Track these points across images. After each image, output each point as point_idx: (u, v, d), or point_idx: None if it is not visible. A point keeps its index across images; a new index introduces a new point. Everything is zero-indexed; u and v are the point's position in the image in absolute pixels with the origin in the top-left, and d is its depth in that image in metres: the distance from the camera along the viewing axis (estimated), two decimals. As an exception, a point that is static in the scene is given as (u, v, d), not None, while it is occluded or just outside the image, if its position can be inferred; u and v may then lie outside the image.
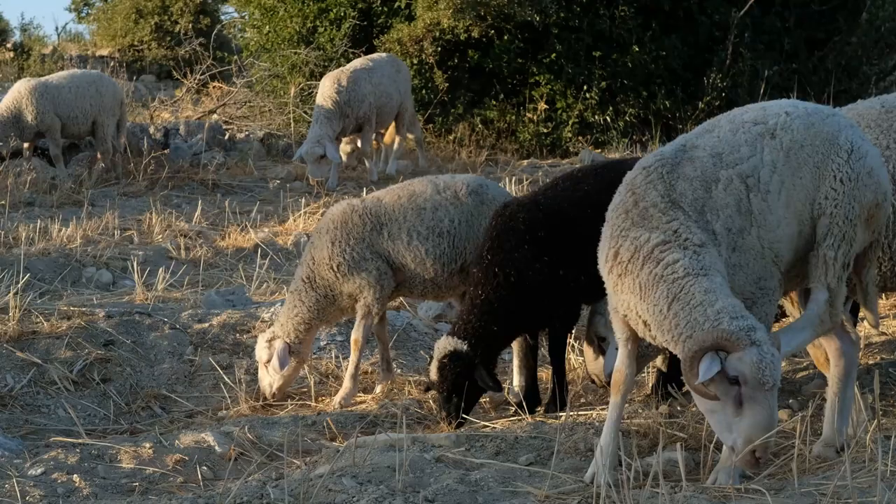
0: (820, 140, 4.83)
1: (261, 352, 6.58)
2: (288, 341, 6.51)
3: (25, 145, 13.58)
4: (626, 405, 5.49)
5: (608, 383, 5.50)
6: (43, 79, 13.69)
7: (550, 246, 5.86)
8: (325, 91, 13.63)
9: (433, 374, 5.86)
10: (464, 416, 5.80)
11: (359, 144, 14.51)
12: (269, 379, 6.56)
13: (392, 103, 14.27)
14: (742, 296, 4.60)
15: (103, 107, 13.55)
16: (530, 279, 5.83)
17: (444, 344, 5.84)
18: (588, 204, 5.82)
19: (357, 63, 14.35)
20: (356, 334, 6.53)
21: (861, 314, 5.72)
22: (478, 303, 5.86)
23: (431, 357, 5.93)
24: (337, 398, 6.52)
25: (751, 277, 4.67)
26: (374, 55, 15.00)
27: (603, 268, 4.76)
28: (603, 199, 5.32)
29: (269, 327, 6.81)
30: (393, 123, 14.72)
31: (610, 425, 4.79)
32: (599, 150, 16.54)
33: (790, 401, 5.81)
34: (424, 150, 15.13)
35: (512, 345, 6.38)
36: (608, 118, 17.13)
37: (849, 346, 5.07)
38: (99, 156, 13.87)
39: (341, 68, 14.35)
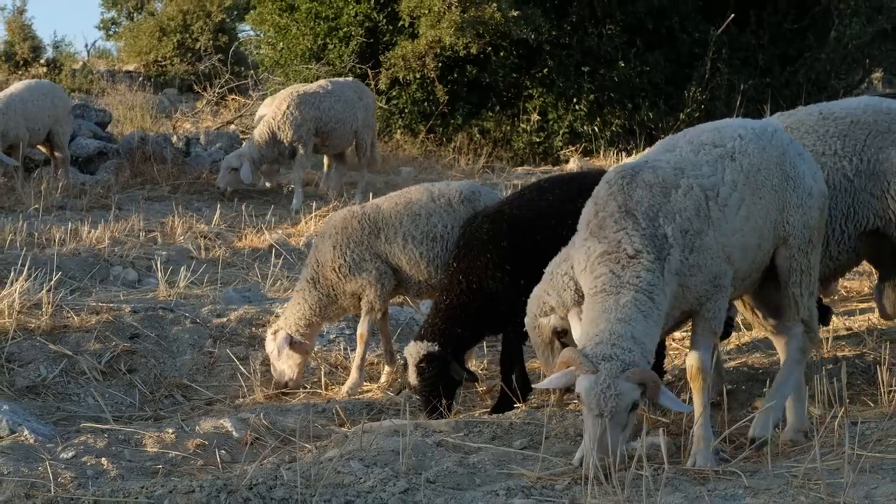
0: (773, 164, 4.81)
1: (269, 345, 6.60)
2: (290, 332, 6.54)
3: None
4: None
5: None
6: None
7: (512, 256, 5.77)
8: (267, 114, 12.73)
9: (412, 379, 5.80)
10: (446, 411, 5.76)
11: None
12: (279, 366, 6.58)
13: (345, 129, 13.00)
14: (697, 293, 4.56)
15: (58, 117, 12.97)
16: (490, 287, 5.77)
17: (417, 349, 5.77)
18: (552, 214, 5.75)
19: (313, 85, 13.18)
20: (361, 329, 6.54)
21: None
22: (442, 307, 5.83)
23: (405, 363, 5.86)
24: (345, 387, 6.52)
25: (707, 276, 4.58)
26: (340, 79, 13.83)
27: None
28: (568, 209, 5.28)
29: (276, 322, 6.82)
30: (351, 153, 13.59)
31: (597, 412, 4.78)
32: (588, 158, 16.56)
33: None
34: (364, 184, 13.21)
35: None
36: (596, 128, 17.14)
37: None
38: (58, 158, 13.11)
39: (292, 88, 13.24)
